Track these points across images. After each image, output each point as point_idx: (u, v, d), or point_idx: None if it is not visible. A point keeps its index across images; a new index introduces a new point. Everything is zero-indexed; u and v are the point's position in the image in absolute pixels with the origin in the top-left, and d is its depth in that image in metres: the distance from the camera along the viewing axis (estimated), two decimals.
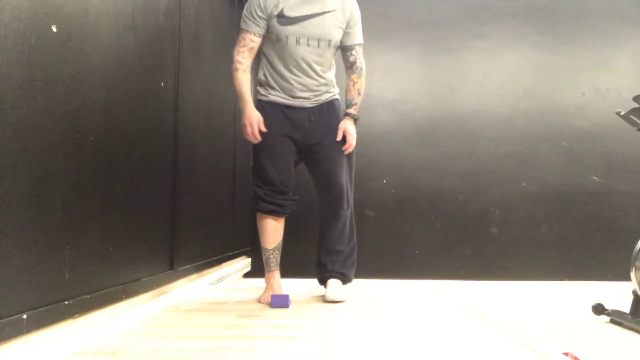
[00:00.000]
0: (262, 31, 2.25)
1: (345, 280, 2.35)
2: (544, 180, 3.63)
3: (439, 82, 3.71)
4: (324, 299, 2.26)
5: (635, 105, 2.02)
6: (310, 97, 2.29)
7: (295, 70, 2.25)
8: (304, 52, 2.23)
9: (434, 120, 3.68)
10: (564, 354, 1.43)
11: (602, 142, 3.64)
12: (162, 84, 1.99)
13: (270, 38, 2.25)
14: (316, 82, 2.28)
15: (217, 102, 2.81)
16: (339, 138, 2.27)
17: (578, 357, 1.43)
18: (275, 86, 2.28)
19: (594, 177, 3.64)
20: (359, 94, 2.36)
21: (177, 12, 2.15)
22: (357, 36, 2.35)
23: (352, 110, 2.34)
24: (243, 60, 2.26)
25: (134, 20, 1.71)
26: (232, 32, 3.13)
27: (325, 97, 2.33)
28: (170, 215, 2.09)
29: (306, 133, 2.29)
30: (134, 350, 1.39)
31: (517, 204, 3.62)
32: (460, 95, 3.70)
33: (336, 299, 2.22)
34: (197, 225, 2.45)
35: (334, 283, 2.30)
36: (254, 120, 2.20)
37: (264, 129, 2.22)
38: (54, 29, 1.25)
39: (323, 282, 2.37)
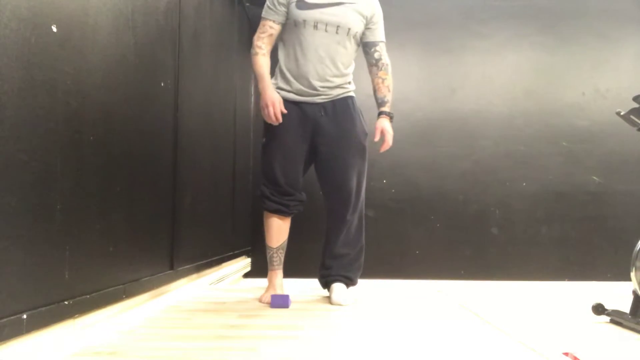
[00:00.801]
0: (281, 19, 2.24)
1: (349, 283, 2.32)
2: (544, 180, 3.63)
3: (439, 82, 3.72)
4: (330, 302, 2.23)
5: (635, 105, 2.02)
6: (323, 88, 2.23)
7: (311, 57, 2.20)
8: (322, 38, 2.20)
9: (434, 120, 3.68)
10: (564, 354, 1.43)
11: (602, 142, 3.65)
12: (162, 84, 1.99)
13: (288, 24, 2.24)
14: (330, 72, 2.23)
15: (217, 102, 2.81)
16: (377, 138, 2.24)
17: (578, 357, 1.43)
18: (289, 76, 2.24)
19: (594, 177, 3.64)
20: (389, 90, 2.33)
21: (177, 12, 2.15)
22: (380, 33, 2.34)
23: (386, 109, 2.30)
24: (263, 45, 2.25)
25: (133, 20, 1.71)
26: (232, 32, 3.14)
27: (337, 93, 2.27)
28: (170, 215, 2.09)
29: (317, 128, 2.25)
30: (134, 350, 1.39)
31: (517, 204, 3.62)
32: (460, 95, 3.70)
33: (342, 303, 2.18)
34: (197, 225, 2.45)
35: (338, 287, 2.27)
36: (276, 102, 2.16)
37: (284, 111, 2.17)
38: (54, 29, 1.25)
39: (327, 285, 2.34)
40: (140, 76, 1.78)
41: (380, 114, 2.30)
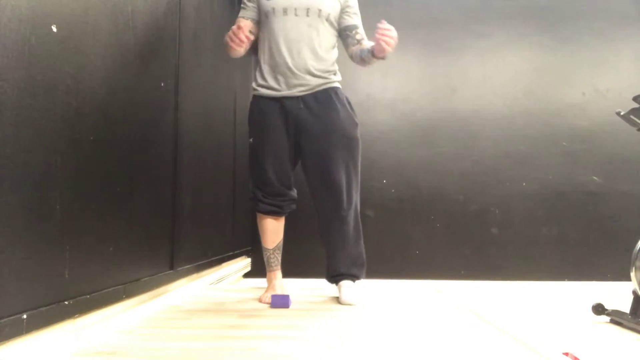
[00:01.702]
0: (250, 14, 2.23)
1: (355, 279, 2.29)
2: (544, 180, 3.63)
3: (439, 82, 3.72)
4: (339, 302, 2.22)
5: (635, 105, 2.02)
6: (304, 80, 2.15)
7: (283, 44, 2.15)
8: (292, 23, 2.14)
9: (434, 120, 3.68)
10: (564, 354, 1.43)
11: (602, 142, 3.65)
12: (162, 84, 1.99)
13: (262, 20, 2.21)
14: (307, 57, 2.15)
15: (217, 102, 2.81)
16: (381, 45, 2.01)
17: (578, 357, 1.43)
18: (267, 70, 2.19)
19: (594, 177, 3.64)
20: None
21: (177, 12, 2.15)
22: (357, 18, 2.28)
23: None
24: None
25: (134, 20, 1.71)
26: None
27: (317, 83, 2.17)
28: (170, 215, 2.09)
29: (299, 123, 2.17)
30: (134, 350, 1.39)
31: (517, 204, 3.62)
32: (460, 95, 3.70)
33: (351, 303, 2.17)
34: (197, 225, 2.45)
35: (346, 285, 2.26)
36: (241, 25, 2.00)
37: (249, 35, 2.04)
38: (54, 29, 1.25)
39: (335, 282, 2.33)
40: (140, 76, 1.78)
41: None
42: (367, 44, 2.23)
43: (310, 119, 2.17)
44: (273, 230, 2.30)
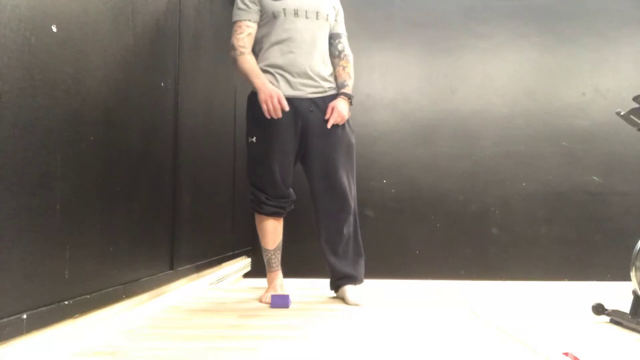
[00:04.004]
0: (256, 17, 2.21)
1: (357, 282, 2.30)
2: (544, 180, 3.63)
3: (439, 82, 3.72)
4: (346, 303, 2.21)
5: (635, 105, 2.01)
6: (316, 82, 2.20)
7: (298, 45, 2.16)
8: (305, 24, 2.17)
9: (434, 120, 3.68)
10: (564, 354, 1.43)
11: (602, 142, 3.64)
12: (162, 84, 1.99)
13: (266, 21, 2.19)
14: (319, 59, 2.20)
15: (217, 102, 2.81)
16: (327, 116, 2.18)
17: (578, 357, 1.43)
18: (277, 71, 2.17)
19: (594, 177, 3.64)
20: (350, 77, 2.30)
21: (177, 12, 2.15)
22: (344, 28, 2.35)
23: (346, 90, 2.26)
24: (245, 44, 2.19)
25: (134, 20, 1.71)
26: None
27: (327, 86, 2.24)
28: (170, 215, 2.09)
29: (307, 125, 2.19)
30: (134, 350, 1.39)
31: (517, 204, 3.62)
32: (460, 95, 3.70)
33: (359, 303, 2.17)
34: (197, 225, 2.45)
35: (351, 288, 2.26)
36: (275, 95, 2.05)
37: (286, 107, 2.07)
38: (54, 29, 1.25)
39: (337, 287, 2.32)
40: (140, 76, 1.78)
41: (339, 94, 2.26)
42: (344, 77, 2.29)
43: (318, 122, 2.20)
44: (274, 231, 2.30)
